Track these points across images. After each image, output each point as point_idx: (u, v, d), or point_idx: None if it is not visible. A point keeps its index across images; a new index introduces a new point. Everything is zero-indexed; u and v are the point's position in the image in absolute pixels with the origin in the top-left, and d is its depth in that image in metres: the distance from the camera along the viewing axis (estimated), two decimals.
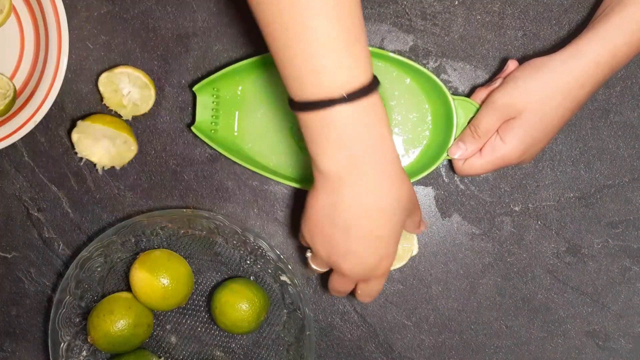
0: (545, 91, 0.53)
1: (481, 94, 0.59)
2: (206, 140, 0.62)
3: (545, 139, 0.56)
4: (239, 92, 0.63)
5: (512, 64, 0.58)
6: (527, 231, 0.65)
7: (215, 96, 0.63)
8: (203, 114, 0.63)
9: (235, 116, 0.64)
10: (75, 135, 0.63)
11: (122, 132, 0.63)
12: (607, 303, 0.66)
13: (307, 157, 0.56)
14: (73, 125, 0.64)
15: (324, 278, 0.67)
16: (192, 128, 0.62)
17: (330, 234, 0.49)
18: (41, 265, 0.68)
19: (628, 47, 0.52)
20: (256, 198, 0.66)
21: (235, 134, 0.64)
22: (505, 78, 0.57)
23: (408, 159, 0.63)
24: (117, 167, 0.65)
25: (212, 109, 0.63)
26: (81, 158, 0.64)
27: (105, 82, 0.63)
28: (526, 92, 0.54)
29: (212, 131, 0.63)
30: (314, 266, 0.55)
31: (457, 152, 0.59)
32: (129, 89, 0.63)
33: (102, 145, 0.64)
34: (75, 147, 0.64)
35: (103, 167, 0.65)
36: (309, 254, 0.55)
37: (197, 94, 0.62)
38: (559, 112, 0.54)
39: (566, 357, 0.66)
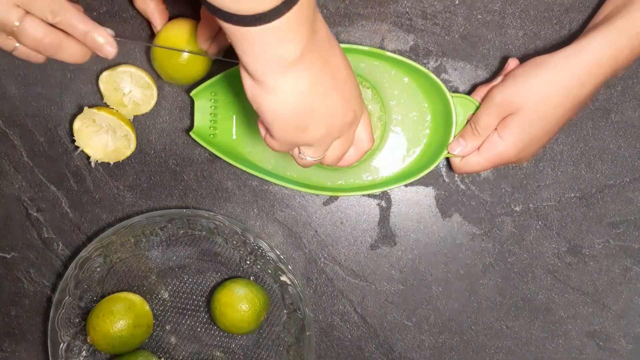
0: (544, 89, 0.53)
1: (481, 91, 0.59)
2: (205, 145, 0.61)
3: (544, 137, 0.56)
4: (236, 96, 0.63)
5: (512, 62, 0.58)
6: (527, 231, 0.65)
7: (213, 100, 0.63)
8: (201, 119, 0.62)
9: (233, 120, 0.63)
10: (77, 123, 0.63)
11: (125, 124, 0.63)
12: (607, 303, 0.66)
13: None
14: (72, 125, 0.64)
15: (324, 278, 0.67)
16: (191, 133, 0.61)
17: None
18: (40, 266, 0.68)
19: (630, 51, 0.52)
20: (256, 198, 0.66)
21: (234, 137, 0.64)
22: (505, 75, 0.57)
23: (409, 158, 0.63)
24: (111, 163, 0.65)
25: (210, 114, 0.63)
26: (77, 147, 0.64)
27: (107, 80, 0.63)
28: (524, 89, 0.54)
29: (211, 135, 0.63)
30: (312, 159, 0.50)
31: (457, 148, 0.59)
32: (130, 88, 0.63)
33: (100, 139, 0.64)
34: (75, 135, 0.63)
35: (96, 161, 0.64)
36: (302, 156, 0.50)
37: (194, 99, 0.62)
38: (558, 111, 0.54)
39: (567, 357, 0.66)
